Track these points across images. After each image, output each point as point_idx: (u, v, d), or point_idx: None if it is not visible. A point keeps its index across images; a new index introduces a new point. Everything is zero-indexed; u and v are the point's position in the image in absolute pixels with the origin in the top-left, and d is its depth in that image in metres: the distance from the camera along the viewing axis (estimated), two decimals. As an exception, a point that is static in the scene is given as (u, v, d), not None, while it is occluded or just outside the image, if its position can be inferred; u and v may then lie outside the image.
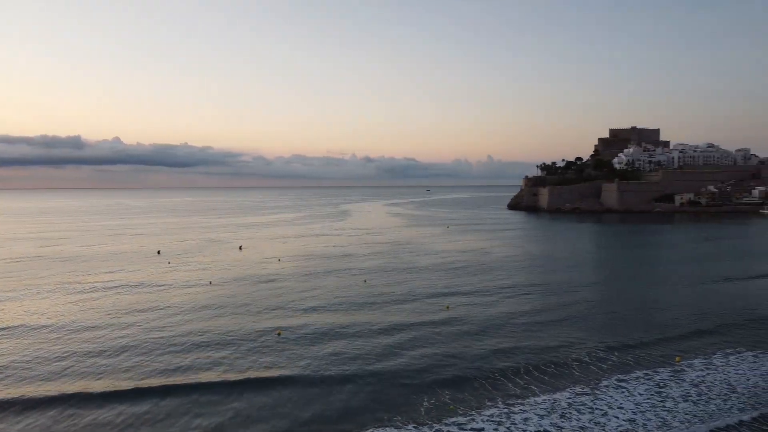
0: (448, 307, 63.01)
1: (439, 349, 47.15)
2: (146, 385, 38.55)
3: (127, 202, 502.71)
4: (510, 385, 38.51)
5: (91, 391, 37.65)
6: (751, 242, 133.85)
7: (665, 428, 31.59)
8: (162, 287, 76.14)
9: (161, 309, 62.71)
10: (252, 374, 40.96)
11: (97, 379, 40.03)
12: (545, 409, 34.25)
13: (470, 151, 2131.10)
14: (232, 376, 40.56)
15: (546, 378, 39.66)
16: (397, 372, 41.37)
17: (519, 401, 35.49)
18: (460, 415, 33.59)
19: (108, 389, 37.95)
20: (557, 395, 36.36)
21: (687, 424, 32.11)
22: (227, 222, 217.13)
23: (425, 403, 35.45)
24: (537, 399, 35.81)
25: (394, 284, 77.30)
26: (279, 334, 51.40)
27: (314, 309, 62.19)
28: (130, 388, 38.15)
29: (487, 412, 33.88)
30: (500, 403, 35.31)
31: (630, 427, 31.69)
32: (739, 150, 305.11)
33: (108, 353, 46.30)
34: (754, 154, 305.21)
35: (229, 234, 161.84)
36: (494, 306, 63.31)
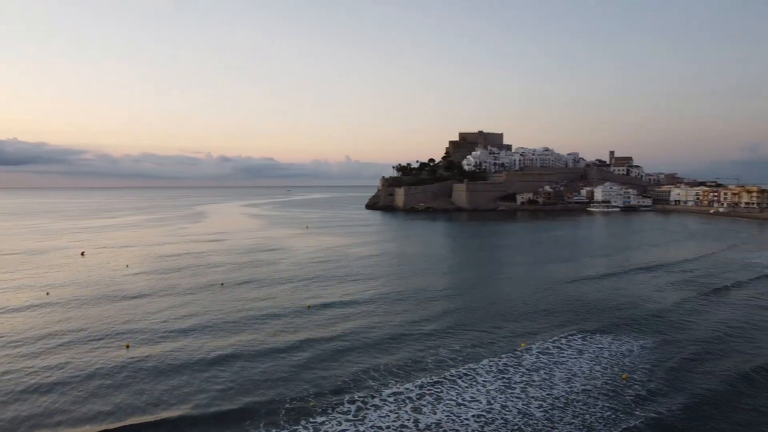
0: (309, 306, 63.14)
1: (300, 348, 47.09)
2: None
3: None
4: (368, 380, 39.54)
5: None
6: (580, 236, 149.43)
7: (509, 409, 34.52)
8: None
9: (-16, 323, 55.96)
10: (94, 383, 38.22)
11: None
12: (400, 401, 35.80)
13: (329, 151, 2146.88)
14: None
15: (402, 372, 41.20)
16: (258, 375, 40.75)
17: (376, 395, 36.66)
18: (320, 414, 34.01)
19: None
20: (412, 387, 38.06)
21: (533, 401, 35.37)
22: (67, 226, 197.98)
23: (287, 404, 35.39)
24: (393, 391, 37.23)
25: (252, 286, 75.75)
26: (127, 347, 48.10)
27: (167, 316, 58.87)
28: None
29: (345, 408, 34.68)
30: (358, 398, 36.23)
31: (481, 413, 34.22)
32: (570, 154, 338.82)
33: None
34: (582, 158, 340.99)
35: (68, 239, 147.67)
36: (354, 304, 64.43)
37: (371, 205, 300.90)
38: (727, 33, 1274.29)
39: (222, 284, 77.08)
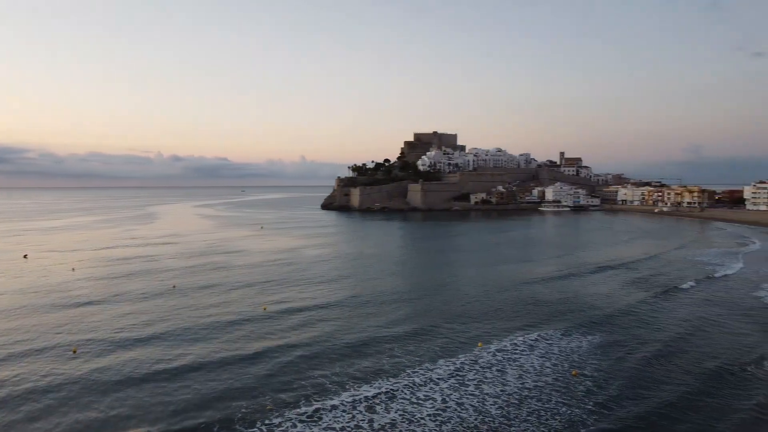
0: (265, 308, 62.44)
1: (257, 354, 46.48)
2: None
3: None
4: (325, 381, 39.42)
5: None
6: (533, 236, 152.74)
7: (465, 407, 35.03)
8: None
9: None
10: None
11: None
12: (357, 402, 35.87)
13: (284, 151, 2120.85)
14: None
15: (359, 374, 41.20)
16: (213, 381, 40.01)
17: (333, 397, 36.60)
18: (276, 416, 33.72)
19: None
20: (368, 388, 38.16)
21: (489, 399, 35.96)
22: (8, 228, 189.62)
23: (244, 409, 34.91)
24: (350, 393, 37.23)
25: (206, 288, 74.32)
26: (74, 352, 46.49)
27: (116, 324, 56.85)
28: None
29: (302, 410, 34.51)
30: (315, 400, 36.09)
31: (437, 411, 34.59)
32: (522, 154, 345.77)
33: None
34: (534, 159, 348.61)
35: (9, 241, 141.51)
36: (311, 307, 63.87)
37: (327, 206, 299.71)
38: (670, 41, 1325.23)
39: (174, 286, 75.42)
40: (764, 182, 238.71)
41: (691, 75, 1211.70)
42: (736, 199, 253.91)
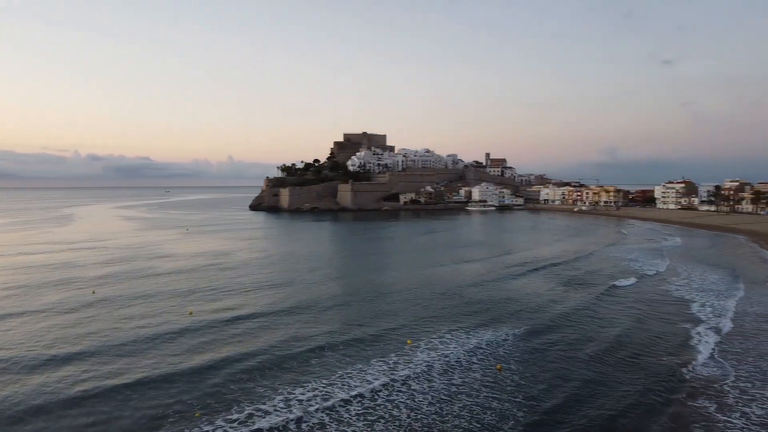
0: (191, 312, 60.66)
1: (183, 356, 45.21)
2: None
3: None
4: (256, 387, 38.76)
5: None
6: (461, 235, 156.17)
7: (397, 405, 35.41)
8: None
9: None
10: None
11: None
12: (289, 405, 35.49)
13: (210, 150, 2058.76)
14: None
15: (292, 377, 40.77)
16: (140, 386, 38.51)
17: (265, 402, 36.06)
18: (206, 423, 32.85)
19: None
20: (300, 392, 37.79)
21: (419, 396, 36.48)
22: None
23: (171, 417, 33.79)
24: (283, 397, 36.79)
25: (128, 293, 71.17)
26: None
27: (28, 337, 53.44)
28: None
29: (233, 417, 33.77)
30: (246, 405, 35.44)
31: (368, 410, 34.78)
32: (449, 155, 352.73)
33: None
34: (461, 159, 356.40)
35: None
36: (238, 308, 62.68)
37: (255, 206, 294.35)
38: (588, 47, 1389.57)
39: (93, 292, 71.87)
40: (672, 182, 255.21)
41: (607, 80, 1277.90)
42: (647, 199, 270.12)
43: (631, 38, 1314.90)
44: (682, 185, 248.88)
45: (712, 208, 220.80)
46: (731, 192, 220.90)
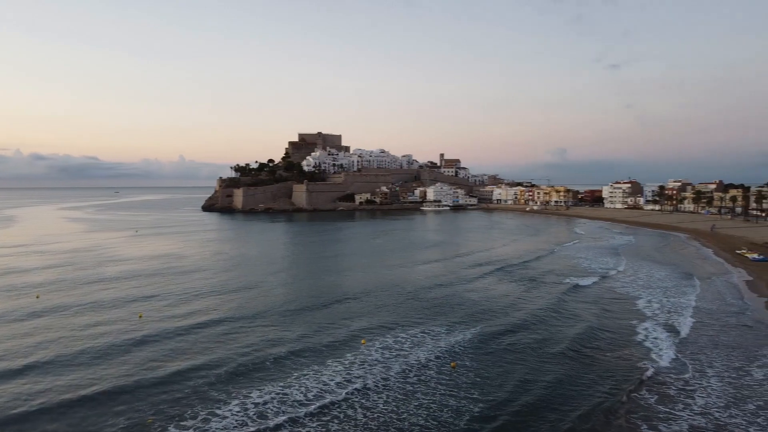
0: (141, 316, 59.10)
1: (134, 361, 44.12)
2: None
3: None
4: (211, 391, 38.18)
5: None
6: (416, 235, 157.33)
7: (352, 405, 35.48)
8: None
9: None
10: None
11: None
12: (245, 409, 35.19)
13: (161, 150, 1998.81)
14: None
15: (246, 380, 40.36)
16: (91, 395, 37.36)
17: (220, 406, 35.59)
18: (159, 429, 32.16)
19: None
20: (257, 395, 37.48)
21: (375, 395, 36.63)
22: None
23: (122, 425, 32.88)
24: (238, 401, 36.41)
25: (75, 298, 68.78)
26: None
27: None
28: None
29: (188, 423, 33.17)
30: (201, 410, 34.88)
31: (325, 411, 34.76)
32: (404, 156, 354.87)
33: None
34: (416, 160, 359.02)
35: None
36: (192, 313, 61.39)
37: (208, 207, 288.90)
38: (538, 49, 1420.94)
39: (38, 296, 69.17)
40: (619, 183, 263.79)
41: (557, 83, 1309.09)
42: (596, 198, 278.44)
43: (580, 42, 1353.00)
44: (629, 185, 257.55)
45: (657, 207, 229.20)
46: (674, 192, 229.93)
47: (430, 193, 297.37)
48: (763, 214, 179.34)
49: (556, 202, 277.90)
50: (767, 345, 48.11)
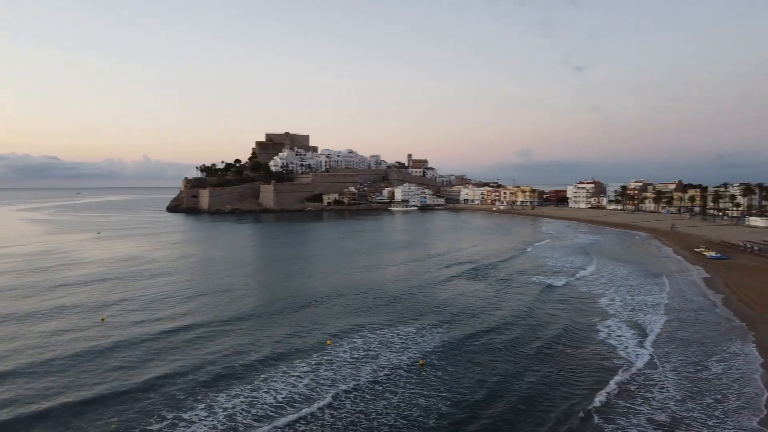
0: (103, 319, 57.80)
1: (98, 365, 43.17)
2: None
3: None
4: (178, 395, 37.58)
5: None
6: (384, 236, 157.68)
7: (321, 406, 35.39)
8: None
9: None
10: None
11: None
12: (213, 412, 34.81)
13: (124, 149, 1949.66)
14: None
15: (213, 383, 39.85)
16: (54, 406, 36.21)
17: (187, 410, 35.12)
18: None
19: None
20: (224, 398, 37.12)
21: (344, 396, 36.58)
22: None
23: (86, 430, 32.14)
24: (204, 405, 35.95)
25: (35, 304, 66.62)
26: None
27: None
28: None
29: (154, 428, 32.59)
30: (167, 414, 34.32)
31: (292, 412, 34.55)
32: (372, 156, 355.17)
33: None
34: (384, 160, 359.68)
35: None
36: (156, 314, 60.41)
37: (173, 208, 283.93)
38: (505, 52, 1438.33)
39: (-6, 301, 66.99)
40: (583, 183, 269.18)
41: (523, 85, 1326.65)
42: (560, 198, 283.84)
43: (546, 44, 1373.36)
44: (592, 185, 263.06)
45: (619, 207, 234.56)
46: (636, 192, 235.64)
47: (398, 193, 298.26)
48: (720, 214, 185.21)
49: (522, 202, 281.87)
50: (725, 340, 49.73)
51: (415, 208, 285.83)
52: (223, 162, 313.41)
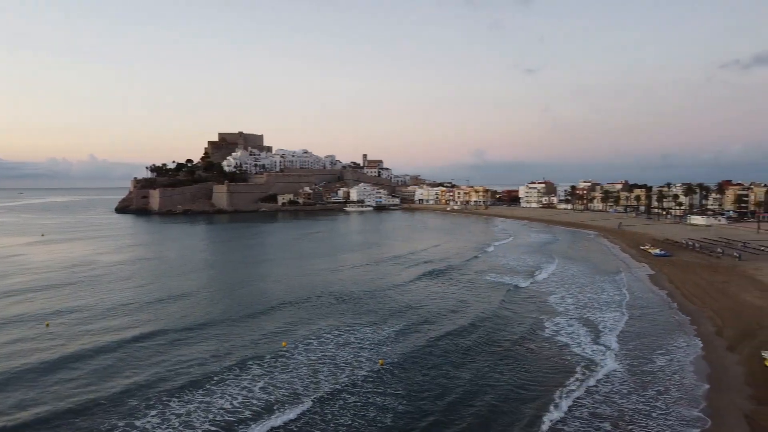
0: (47, 324, 55.92)
1: (45, 373, 41.85)
2: None
3: None
4: (131, 401, 36.85)
5: None
6: (339, 237, 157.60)
7: (281, 408, 35.34)
8: None
9: None
10: None
11: None
12: (167, 419, 34.33)
13: (69, 149, 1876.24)
14: None
15: (168, 387, 39.28)
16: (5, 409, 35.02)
17: (140, 417, 34.49)
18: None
19: None
20: (180, 404, 36.63)
21: (302, 398, 36.61)
22: None
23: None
24: (156, 412, 35.39)
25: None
26: None
27: None
28: None
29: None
30: (120, 423, 33.62)
31: (251, 416, 34.40)
32: (327, 156, 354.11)
33: None
34: (339, 160, 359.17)
35: None
36: (103, 319, 58.75)
37: (122, 209, 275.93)
38: (459, 54, 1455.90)
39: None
40: (534, 183, 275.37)
41: (476, 86, 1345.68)
42: (513, 198, 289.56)
43: (498, 47, 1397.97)
44: (543, 185, 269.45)
45: (569, 206, 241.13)
46: (584, 192, 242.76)
47: (354, 193, 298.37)
48: (664, 213, 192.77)
49: (475, 201, 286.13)
50: (669, 334, 52.02)
51: (371, 208, 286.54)
52: (174, 162, 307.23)
